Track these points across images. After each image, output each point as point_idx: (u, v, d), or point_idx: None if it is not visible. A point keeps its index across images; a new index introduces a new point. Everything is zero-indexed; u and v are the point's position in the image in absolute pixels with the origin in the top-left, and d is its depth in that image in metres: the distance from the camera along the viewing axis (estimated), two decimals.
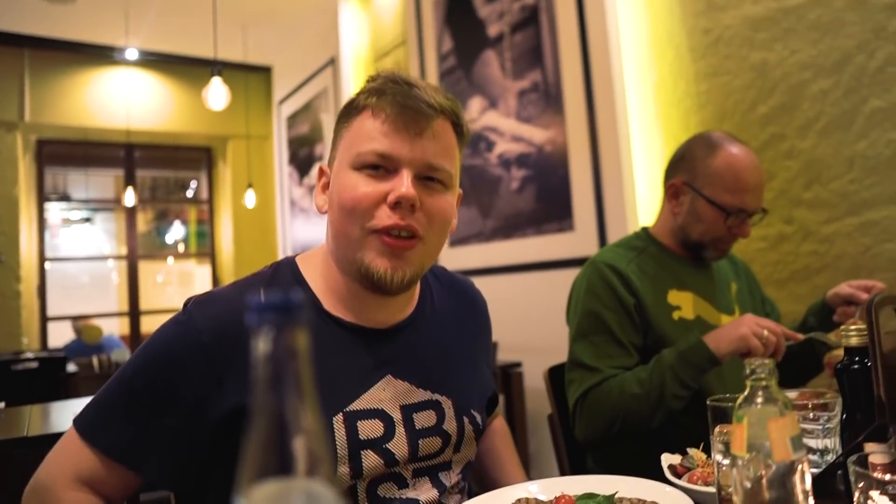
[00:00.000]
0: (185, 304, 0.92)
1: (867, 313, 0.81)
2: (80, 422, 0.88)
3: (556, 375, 1.66)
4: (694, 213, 1.52)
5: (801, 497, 0.60)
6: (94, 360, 5.71)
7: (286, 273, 0.99)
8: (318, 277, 0.98)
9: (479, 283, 3.66)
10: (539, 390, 2.24)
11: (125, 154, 6.69)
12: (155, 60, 6.23)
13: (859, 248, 2.14)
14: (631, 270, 1.50)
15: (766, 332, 1.26)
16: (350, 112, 0.95)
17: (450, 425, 0.99)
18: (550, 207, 3.01)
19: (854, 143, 2.14)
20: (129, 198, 5.71)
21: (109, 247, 7.55)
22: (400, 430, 0.94)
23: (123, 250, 6.85)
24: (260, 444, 0.35)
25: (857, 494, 0.69)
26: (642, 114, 2.79)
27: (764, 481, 0.60)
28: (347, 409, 0.90)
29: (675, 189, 1.57)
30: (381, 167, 0.90)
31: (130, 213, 6.71)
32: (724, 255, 1.59)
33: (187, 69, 6.30)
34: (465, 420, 1.02)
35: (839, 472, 0.92)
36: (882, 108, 2.08)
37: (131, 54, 6.06)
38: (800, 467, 0.60)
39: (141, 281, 6.79)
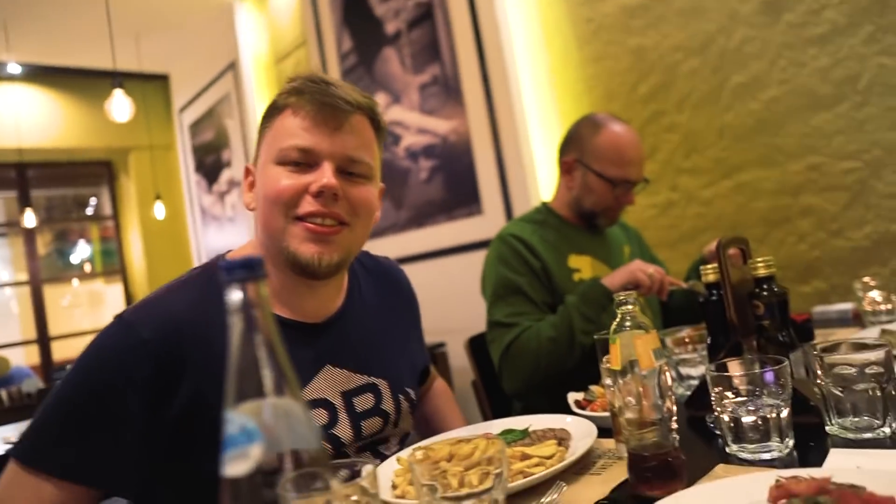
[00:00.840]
0: (120, 315, 0.91)
1: (717, 251, 0.99)
2: (22, 451, 0.84)
3: (475, 344, 1.82)
4: (586, 186, 1.71)
5: (665, 395, 0.76)
6: (3, 393, 5.45)
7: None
8: None
9: None
10: (463, 367, 2.38)
11: (17, 174, 6.38)
12: (42, 73, 5.97)
13: (735, 206, 2.40)
14: (535, 240, 1.67)
15: (651, 270, 1.46)
16: (272, 113, 1.00)
17: (387, 404, 1.07)
18: (459, 194, 3.16)
19: (722, 115, 2.40)
20: (29, 219, 5.47)
21: (6, 274, 7.17)
22: (343, 416, 0.99)
23: (23, 276, 6.53)
24: (240, 374, 0.46)
25: (713, 396, 0.86)
26: (538, 99, 2.98)
27: (637, 387, 0.76)
28: None
29: (568, 166, 1.75)
30: (302, 162, 0.95)
31: (29, 235, 6.41)
32: (615, 221, 1.79)
33: (80, 81, 6.08)
34: (401, 398, 1.10)
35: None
36: (742, 82, 2.33)
37: (13, 69, 5.79)
38: (663, 374, 0.76)
39: (47, 306, 6.50)
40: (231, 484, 0.44)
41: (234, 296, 0.46)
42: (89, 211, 7.61)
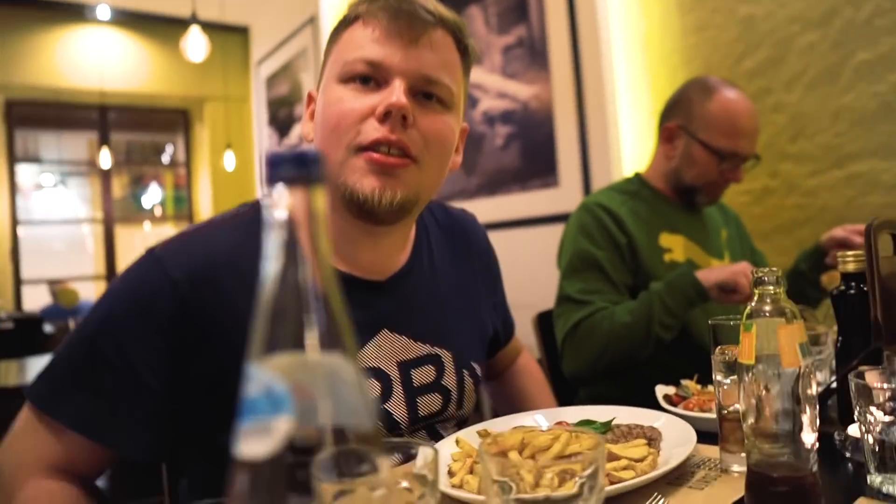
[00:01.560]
0: (151, 248, 0.81)
1: (866, 235, 0.81)
2: (36, 393, 0.76)
3: (543, 321, 1.67)
4: (688, 157, 1.52)
5: (807, 404, 0.60)
6: (71, 323, 5.64)
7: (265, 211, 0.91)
8: None
9: None
10: (529, 344, 2.24)
11: (99, 116, 6.52)
12: (129, 19, 6.05)
13: (843, 200, 2.15)
14: (623, 212, 1.50)
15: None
16: (341, 26, 0.86)
17: (449, 380, 0.94)
18: (535, 164, 2.99)
19: (840, 97, 2.14)
20: (105, 159, 5.58)
21: (84, 210, 7.40)
22: (398, 389, 0.88)
23: (98, 214, 6.72)
24: (274, 314, 0.33)
25: (857, 410, 0.69)
26: (629, 69, 2.77)
27: (772, 390, 0.60)
28: None
29: (670, 133, 1.56)
30: (371, 78, 0.81)
31: (105, 176, 6.57)
32: (716, 200, 1.60)
33: (163, 28, 6.13)
34: (465, 373, 0.97)
35: (829, 401, 0.93)
36: (869, 60, 2.07)
37: (103, 12, 5.88)
38: (808, 374, 0.60)
39: (118, 245, 6.68)
40: (245, 468, 0.30)
41: (278, 201, 0.33)
42: (165, 158, 7.77)
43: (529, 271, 2.87)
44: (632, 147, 2.72)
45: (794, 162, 2.27)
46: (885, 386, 0.72)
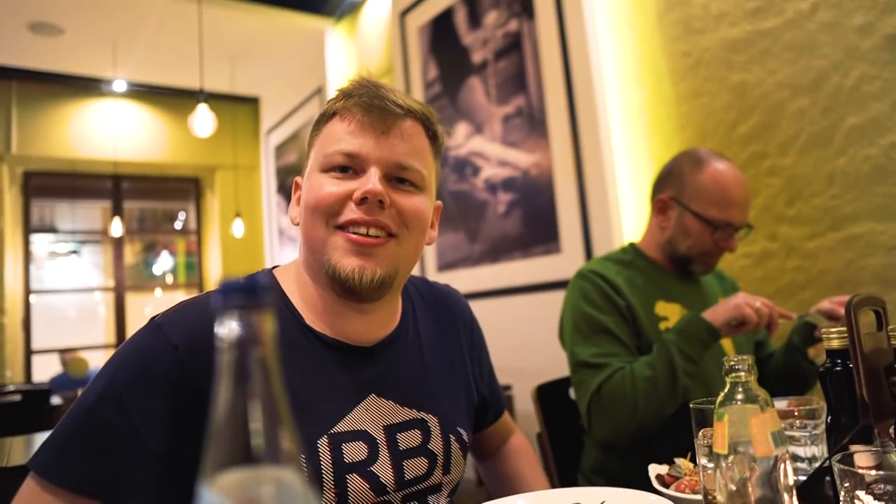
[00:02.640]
0: (153, 318, 0.85)
1: (846, 314, 0.82)
2: (39, 461, 0.76)
3: (543, 394, 1.66)
4: (681, 228, 1.54)
5: (784, 493, 0.59)
6: (80, 393, 5.63)
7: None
8: (296, 292, 0.93)
9: None
10: (530, 413, 2.22)
11: (112, 185, 6.67)
12: (142, 91, 6.26)
13: (843, 262, 2.15)
14: (619, 280, 1.51)
15: (758, 304, 1.29)
16: (321, 121, 0.93)
17: (435, 444, 0.95)
18: (537, 230, 3.02)
19: (833, 160, 2.17)
20: (117, 228, 5.68)
21: (97, 279, 7.49)
22: (384, 453, 0.89)
23: (111, 282, 6.79)
24: (225, 432, 0.34)
25: (842, 494, 0.68)
26: (626, 136, 2.82)
27: (748, 478, 0.60)
28: (332, 432, 0.85)
29: (663, 204, 1.59)
30: (349, 168, 0.88)
31: (118, 244, 6.67)
32: (711, 269, 1.61)
33: (175, 100, 6.33)
34: (452, 438, 0.98)
35: (826, 477, 0.91)
36: (859, 125, 2.11)
37: (119, 86, 6.09)
38: (782, 464, 0.60)
39: (129, 313, 6.72)
40: None
41: (228, 326, 0.35)
42: (177, 224, 7.89)
43: (531, 338, 2.87)
44: (632, 212, 2.75)
45: (792, 224, 2.28)
46: (874, 471, 0.71)
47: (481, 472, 1.26)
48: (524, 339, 3.03)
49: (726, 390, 0.62)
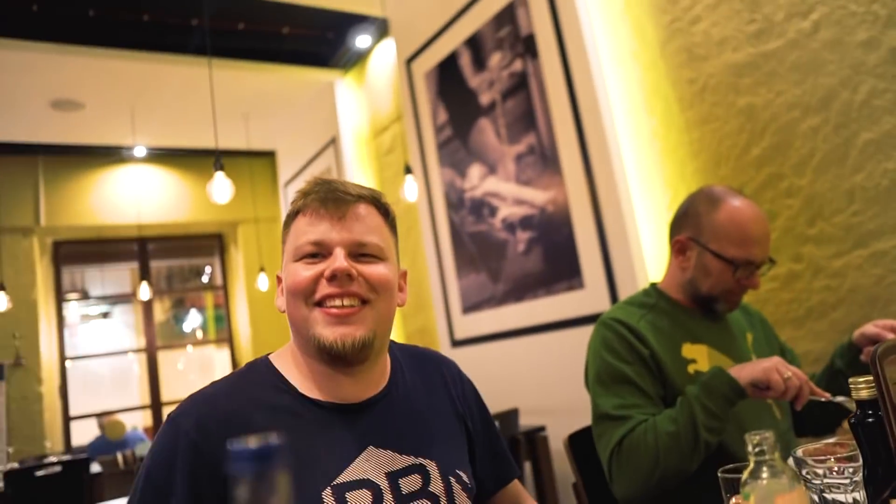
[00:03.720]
0: (170, 414, 0.98)
1: (871, 365, 0.80)
2: None
3: (577, 441, 1.63)
4: (702, 268, 1.52)
5: None
6: (119, 457, 5.67)
7: (262, 370, 1.05)
8: (292, 368, 1.04)
9: (495, 347, 3.61)
10: (564, 453, 2.19)
11: (138, 247, 6.81)
12: (162, 155, 6.42)
13: (872, 279, 2.12)
14: (642, 326, 1.49)
15: (789, 374, 1.25)
16: (288, 221, 1.06)
17: (436, 486, 1.02)
18: (558, 267, 3.01)
19: (851, 176, 2.15)
20: (144, 292, 5.77)
21: (129, 339, 7.60)
22: (388, 497, 0.96)
23: (142, 342, 6.89)
24: None
25: None
26: (639, 167, 2.83)
27: None
28: (335, 483, 0.94)
29: (681, 245, 1.57)
30: (317, 254, 1.00)
31: (147, 304, 6.78)
32: (736, 306, 1.58)
33: (194, 160, 6.47)
34: (452, 479, 1.04)
35: None
36: (873, 139, 2.09)
37: (139, 151, 6.26)
38: None
39: (162, 370, 6.80)
40: None
41: (242, 492, 0.36)
42: (204, 279, 8.01)
43: (562, 376, 2.84)
44: (651, 242, 2.74)
45: (816, 244, 2.26)
46: None
47: None
48: (554, 378, 3.01)
49: (751, 468, 0.61)
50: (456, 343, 3.71)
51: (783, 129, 2.33)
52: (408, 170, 3.74)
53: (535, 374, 3.10)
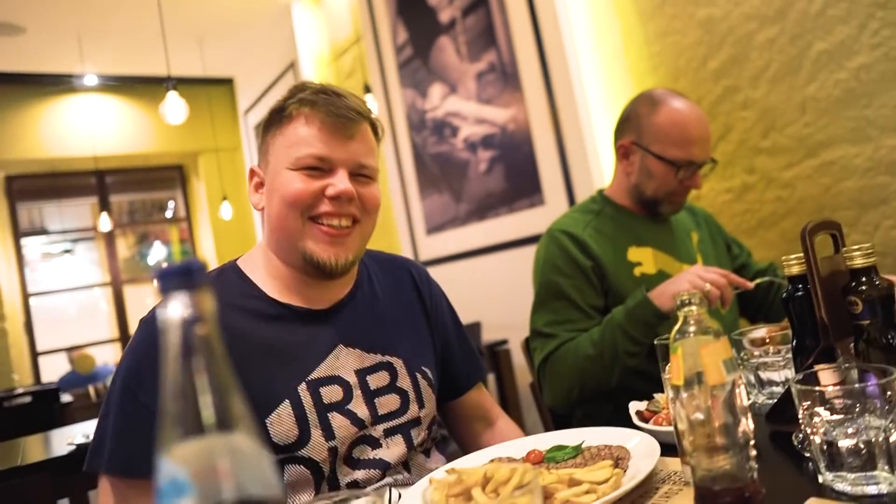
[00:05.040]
0: (140, 320, 0.98)
1: (801, 240, 0.84)
2: (102, 464, 0.91)
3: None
4: (645, 171, 1.55)
5: (740, 416, 0.62)
6: (91, 389, 5.70)
7: (230, 274, 1.07)
8: (262, 273, 1.06)
9: (459, 266, 3.64)
10: (519, 365, 2.27)
11: (97, 181, 6.64)
12: (115, 84, 6.18)
13: (821, 188, 2.17)
14: (587, 234, 1.52)
15: (707, 286, 1.28)
16: (280, 120, 1.04)
17: (404, 382, 1.09)
18: (520, 185, 3.03)
19: (804, 88, 2.17)
20: (105, 223, 5.67)
21: (94, 275, 7.50)
22: (357, 392, 1.03)
23: (108, 277, 6.81)
24: (177, 406, 0.37)
25: (801, 412, 0.72)
26: (599, 82, 2.81)
27: (704, 407, 0.63)
28: (309, 378, 0.99)
29: (625, 149, 1.60)
30: (317, 168, 1.01)
31: (109, 239, 6.67)
32: (680, 208, 1.62)
33: (149, 89, 6.25)
34: (418, 376, 1.11)
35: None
36: (827, 50, 2.11)
37: (90, 80, 6.01)
38: (737, 390, 0.63)
39: (129, 305, 6.75)
40: None
41: (170, 309, 0.37)
42: (168, 214, 7.87)
43: (524, 291, 2.89)
44: (610, 157, 2.76)
45: (769, 155, 2.30)
46: (830, 388, 0.74)
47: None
48: (516, 294, 3.06)
49: (679, 324, 0.65)
50: (421, 264, 3.74)
51: (741, 41, 2.34)
52: (367, 90, 3.67)
53: (498, 290, 3.16)
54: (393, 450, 1.02)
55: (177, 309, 0.37)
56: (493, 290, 3.20)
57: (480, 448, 1.19)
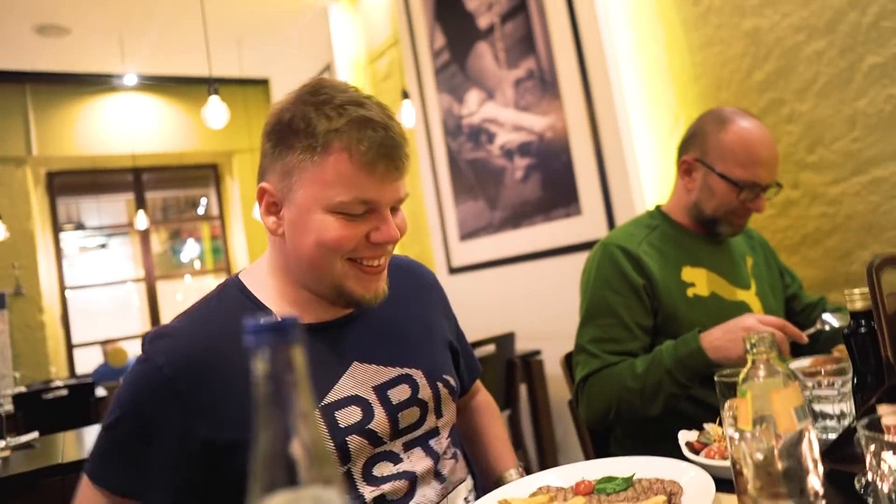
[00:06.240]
0: (143, 344, 0.94)
1: (868, 276, 0.82)
2: (87, 467, 0.92)
3: (572, 360, 1.67)
4: (707, 189, 1.52)
5: (810, 465, 0.61)
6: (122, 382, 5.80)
7: (233, 292, 1.00)
8: (269, 290, 1.00)
9: (492, 274, 3.64)
10: (560, 376, 2.25)
11: (133, 178, 6.76)
12: (154, 83, 6.29)
13: (869, 206, 2.12)
14: (642, 250, 1.50)
15: (767, 329, 1.24)
16: (311, 146, 0.90)
17: (424, 393, 1.03)
18: (556, 193, 3.01)
19: (854, 102, 2.13)
20: (141, 221, 5.77)
21: (128, 270, 7.64)
22: (378, 410, 0.97)
23: (141, 272, 6.93)
24: (266, 458, 0.37)
25: (868, 458, 0.70)
26: (640, 91, 2.78)
27: (773, 453, 0.61)
28: (323, 404, 0.93)
29: (688, 165, 1.57)
30: (360, 212, 0.92)
31: (144, 235, 6.78)
32: (740, 230, 1.59)
33: (186, 89, 6.35)
34: (440, 385, 1.06)
35: (855, 435, 0.92)
36: (879, 63, 2.06)
37: (130, 80, 6.12)
38: (806, 436, 0.61)
39: (161, 300, 6.87)
40: None
41: (263, 363, 0.37)
42: (200, 210, 7.99)
43: (557, 301, 2.88)
44: (650, 168, 2.73)
45: (814, 171, 2.25)
46: None
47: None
48: (550, 304, 3.05)
49: (748, 367, 0.63)
50: (453, 270, 3.74)
51: (787, 53, 2.29)
52: (405, 95, 3.68)
53: (532, 299, 3.14)
54: (415, 462, 0.99)
55: (270, 363, 0.37)
56: (526, 300, 3.19)
57: (460, 420, 1.20)
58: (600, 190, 2.78)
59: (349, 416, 0.94)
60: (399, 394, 1.00)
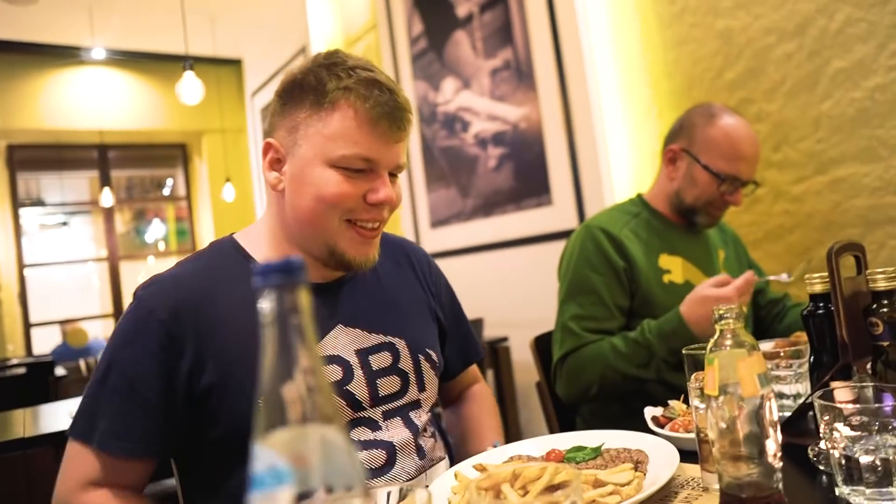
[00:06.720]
0: (135, 293, 0.97)
1: (827, 260, 0.86)
2: (73, 429, 0.93)
3: (542, 343, 1.72)
4: (689, 178, 1.59)
5: (770, 428, 0.65)
6: (82, 363, 5.70)
7: (226, 247, 1.04)
8: (262, 249, 1.03)
9: (462, 261, 3.66)
10: (527, 363, 2.29)
11: (99, 155, 6.62)
12: (123, 59, 6.16)
13: (829, 204, 2.20)
14: (624, 235, 1.56)
15: (730, 290, 1.32)
16: (319, 101, 0.94)
17: (405, 363, 1.06)
18: (528, 183, 3.05)
19: (819, 104, 2.20)
20: (107, 198, 5.66)
21: (89, 249, 7.48)
22: (358, 373, 1.00)
23: (103, 252, 6.80)
24: (273, 397, 0.39)
25: (822, 427, 0.74)
26: (613, 85, 2.83)
27: (737, 416, 0.65)
28: None
29: (673, 154, 1.63)
30: (361, 169, 0.96)
31: (108, 214, 6.65)
32: (716, 221, 1.66)
33: (157, 66, 6.23)
34: (421, 357, 1.08)
35: (809, 412, 0.97)
36: (844, 68, 2.13)
37: (98, 53, 5.99)
38: (767, 403, 0.65)
39: (124, 281, 6.75)
40: None
41: (270, 303, 0.39)
42: (166, 191, 7.86)
43: (526, 290, 2.92)
44: (621, 161, 2.78)
45: (779, 169, 2.33)
46: (851, 405, 0.77)
47: (444, 416, 1.34)
48: (519, 292, 3.09)
49: (716, 337, 0.67)
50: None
51: (758, 55, 2.36)
52: None
53: (501, 287, 3.19)
54: (394, 432, 1.00)
55: (278, 304, 0.38)
56: (495, 288, 3.23)
57: (454, 407, 1.24)
58: (571, 181, 2.82)
59: (330, 373, 0.97)
60: (380, 360, 1.03)
